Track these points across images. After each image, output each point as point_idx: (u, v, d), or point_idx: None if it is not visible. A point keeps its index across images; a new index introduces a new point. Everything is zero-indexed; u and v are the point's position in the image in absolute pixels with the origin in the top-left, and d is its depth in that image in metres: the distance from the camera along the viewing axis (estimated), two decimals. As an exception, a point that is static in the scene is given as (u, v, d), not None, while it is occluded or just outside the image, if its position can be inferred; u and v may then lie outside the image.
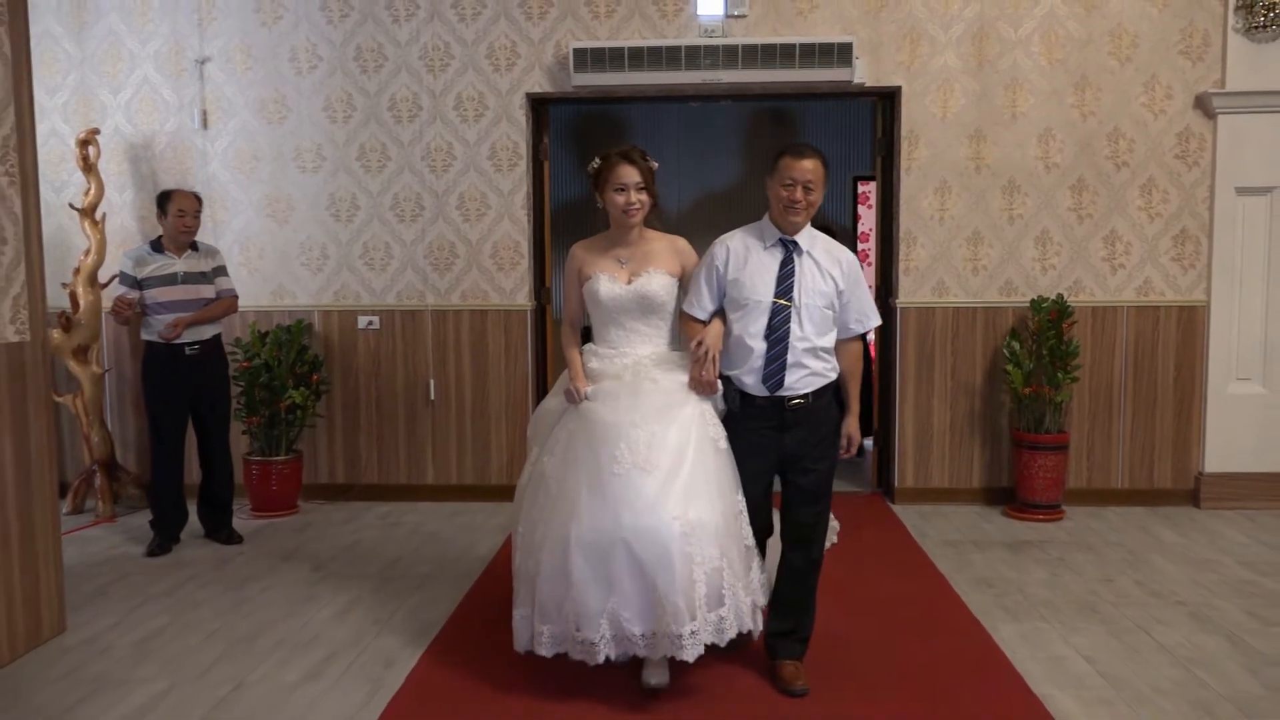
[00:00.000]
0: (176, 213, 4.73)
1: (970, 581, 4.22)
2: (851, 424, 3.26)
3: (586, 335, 3.48)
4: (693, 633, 2.83)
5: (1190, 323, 5.40)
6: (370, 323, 5.64)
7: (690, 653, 2.84)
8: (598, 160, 3.29)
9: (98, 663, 3.45)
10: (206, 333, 4.81)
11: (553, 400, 3.40)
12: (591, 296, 3.31)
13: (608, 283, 3.27)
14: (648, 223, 3.34)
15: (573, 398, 3.22)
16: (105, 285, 5.35)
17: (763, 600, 3.19)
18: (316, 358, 5.49)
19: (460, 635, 3.65)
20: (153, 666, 3.41)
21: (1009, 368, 5.20)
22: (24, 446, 3.50)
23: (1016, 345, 5.23)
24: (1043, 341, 5.18)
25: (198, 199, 4.85)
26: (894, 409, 5.54)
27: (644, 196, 3.25)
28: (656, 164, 3.33)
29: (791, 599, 3.22)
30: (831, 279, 3.15)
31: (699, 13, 5.37)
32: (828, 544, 3.37)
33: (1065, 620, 3.76)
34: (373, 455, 5.70)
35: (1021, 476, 5.25)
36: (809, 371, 3.12)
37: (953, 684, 3.18)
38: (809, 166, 3.10)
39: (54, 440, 3.71)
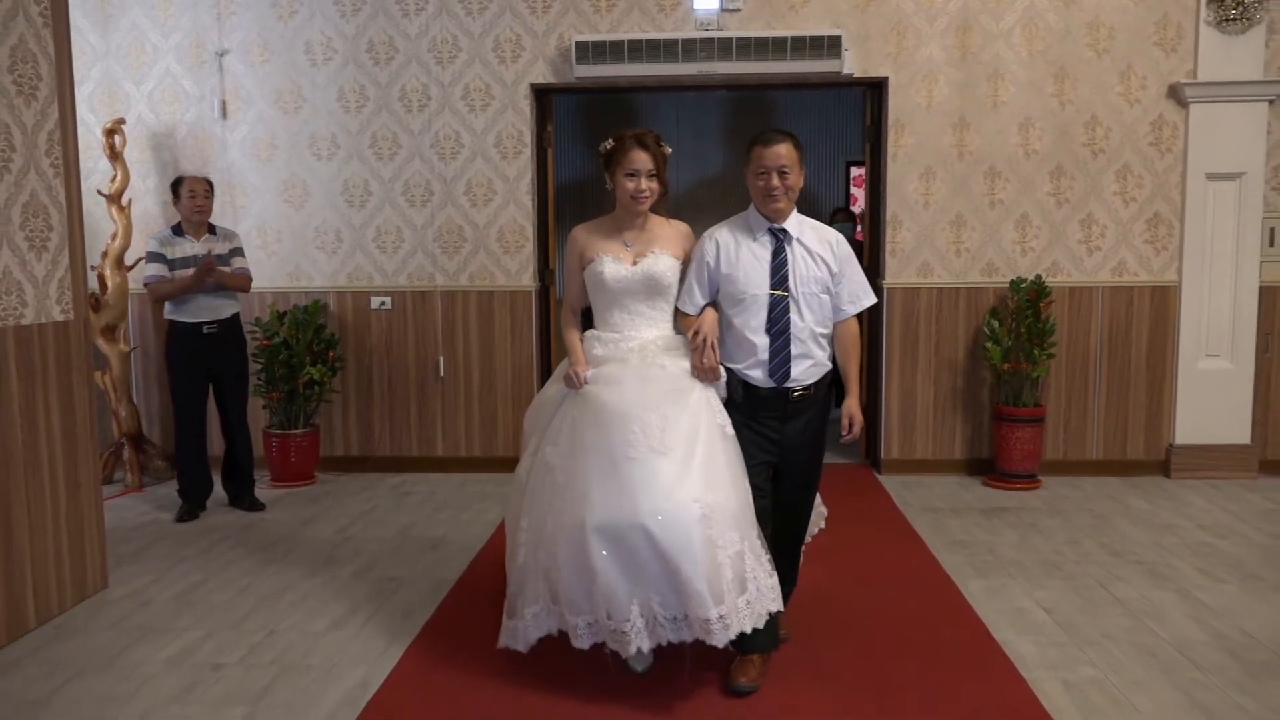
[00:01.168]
0: (189, 194, 4.99)
1: (945, 544, 4.53)
2: (852, 405, 3.23)
3: (586, 321, 3.42)
4: (721, 617, 2.73)
5: (1162, 302, 5.67)
6: (383, 303, 5.94)
7: (720, 638, 2.74)
8: (611, 141, 3.20)
9: (141, 614, 3.77)
10: (224, 312, 5.08)
11: (552, 388, 3.30)
12: (595, 278, 3.20)
13: (613, 264, 3.17)
14: (653, 208, 3.26)
15: (573, 382, 3.13)
16: (131, 268, 5.65)
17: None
18: (332, 336, 5.78)
19: (471, 591, 3.96)
20: (191, 617, 3.73)
21: (989, 345, 5.48)
22: (69, 416, 3.81)
23: (996, 324, 5.51)
24: (1021, 320, 5.46)
25: (207, 182, 5.09)
26: (881, 384, 5.83)
27: (654, 184, 3.17)
28: (670, 149, 3.26)
29: (781, 559, 3.20)
30: (824, 263, 3.13)
31: (695, 7, 5.62)
32: (816, 530, 3.46)
33: (1030, 577, 4.06)
34: (385, 429, 6.01)
35: (1000, 448, 5.54)
36: (812, 361, 3.13)
37: (921, 632, 3.49)
38: (781, 151, 3.06)
39: (94, 411, 4.01)
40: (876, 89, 5.78)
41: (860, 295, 3.22)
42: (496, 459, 5.90)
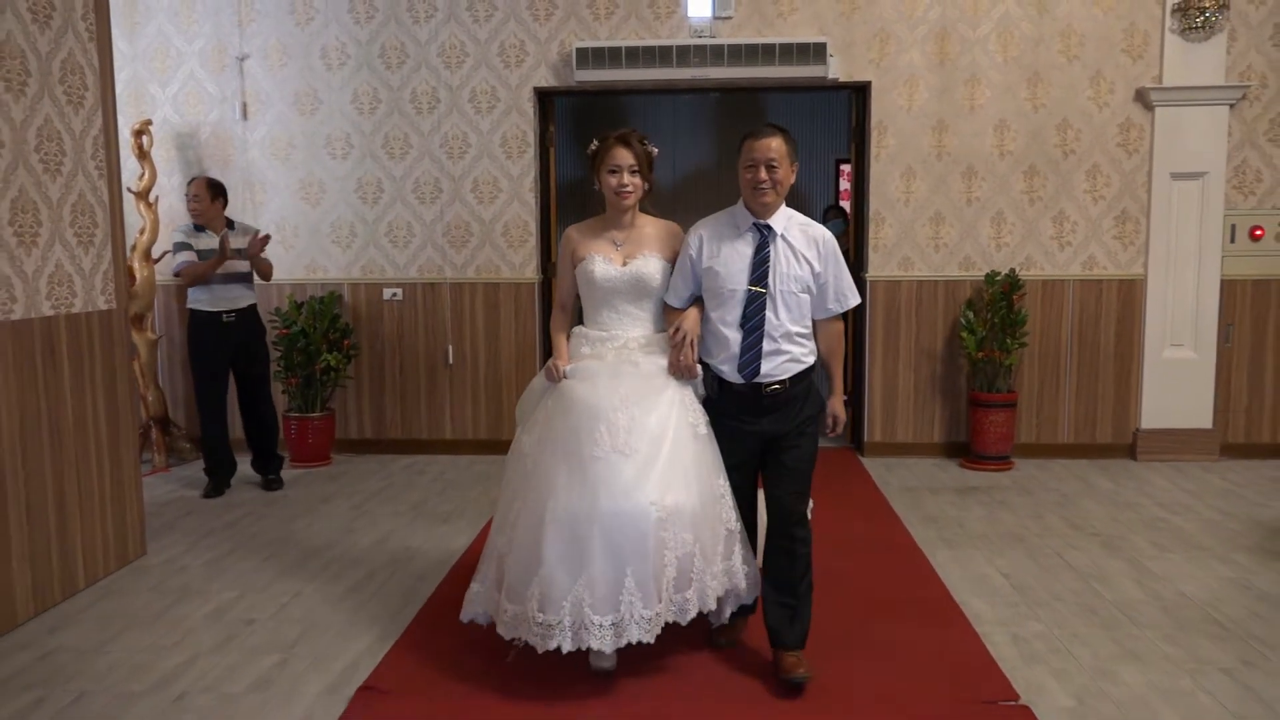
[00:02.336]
0: (192, 196, 5.34)
1: (919, 519, 4.88)
2: (835, 404, 3.26)
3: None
4: (656, 614, 2.84)
5: (1129, 294, 6.01)
6: (394, 294, 6.29)
7: (650, 635, 2.84)
8: (596, 142, 3.28)
9: (178, 578, 4.13)
10: (242, 302, 5.39)
11: (538, 380, 3.38)
12: (586, 277, 3.27)
13: (603, 264, 3.24)
14: (642, 207, 3.33)
15: (552, 375, 3.22)
16: (158, 260, 6.00)
17: (745, 585, 3.17)
18: (347, 325, 6.13)
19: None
20: (224, 581, 4.09)
21: (965, 335, 5.82)
22: (112, 396, 4.16)
23: (972, 314, 5.85)
24: (995, 311, 5.80)
25: (207, 183, 5.34)
26: (864, 372, 6.18)
27: (637, 180, 3.21)
28: (655, 149, 3.32)
29: (784, 581, 3.14)
30: (807, 262, 3.11)
31: (689, 15, 5.96)
32: None
33: (993, 547, 4.41)
34: (397, 413, 6.37)
35: (975, 431, 5.89)
36: (787, 358, 3.10)
37: (889, 593, 3.84)
38: (771, 145, 3.05)
39: (133, 392, 4.37)
40: (860, 92, 6.12)
41: (846, 295, 3.20)
42: (502, 441, 6.23)
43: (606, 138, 3.26)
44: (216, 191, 5.39)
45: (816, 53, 5.80)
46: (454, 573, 4.13)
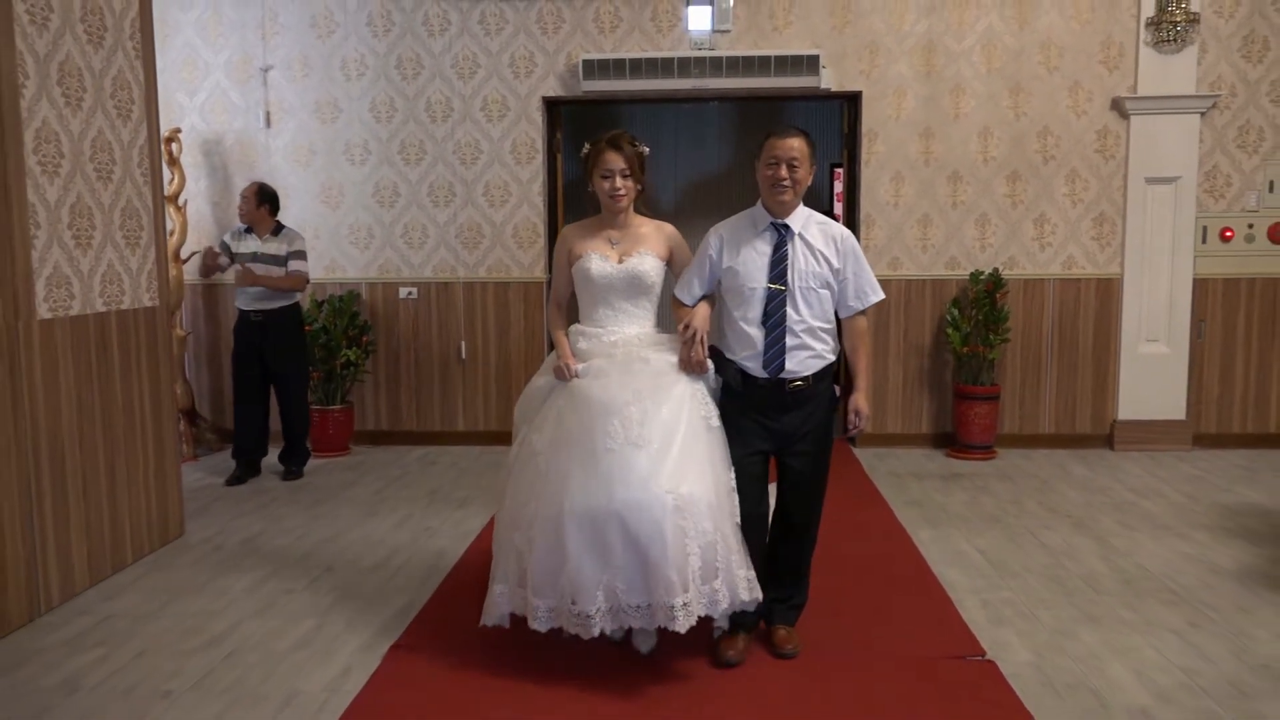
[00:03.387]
0: (242, 198, 5.71)
1: (904, 502, 5.21)
2: (859, 399, 3.29)
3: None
4: (685, 604, 2.86)
5: (1107, 292, 6.34)
6: (410, 293, 6.62)
7: (683, 624, 2.86)
8: (588, 146, 3.32)
9: (216, 555, 4.46)
10: (273, 304, 5.69)
11: (540, 379, 3.39)
12: (582, 275, 3.32)
13: (599, 261, 3.30)
14: (637, 209, 3.39)
15: (563, 375, 3.24)
16: (186, 260, 6.33)
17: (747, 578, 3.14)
18: (365, 322, 6.47)
19: (495, 537, 4.65)
20: (258, 558, 4.42)
21: (950, 331, 6.15)
22: (155, 386, 4.50)
23: (957, 312, 6.18)
24: (979, 308, 6.13)
25: (258, 190, 5.65)
26: (856, 366, 6.50)
27: (629, 183, 3.26)
28: (647, 149, 3.35)
29: (788, 571, 3.35)
30: (825, 259, 3.16)
31: (690, 28, 6.29)
32: None
33: (972, 528, 4.75)
34: (412, 405, 6.70)
35: (960, 422, 6.22)
36: (811, 353, 3.15)
37: (871, 567, 4.18)
38: (793, 144, 3.09)
39: (174, 383, 4.71)
40: (852, 101, 6.45)
41: (868, 292, 3.25)
42: (512, 433, 6.58)
43: (598, 142, 3.29)
44: (263, 198, 5.67)
45: (810, 64, 6.13)
46: (473, 548, 4.47)
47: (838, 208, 8.80)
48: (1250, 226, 6.23)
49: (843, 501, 5.20)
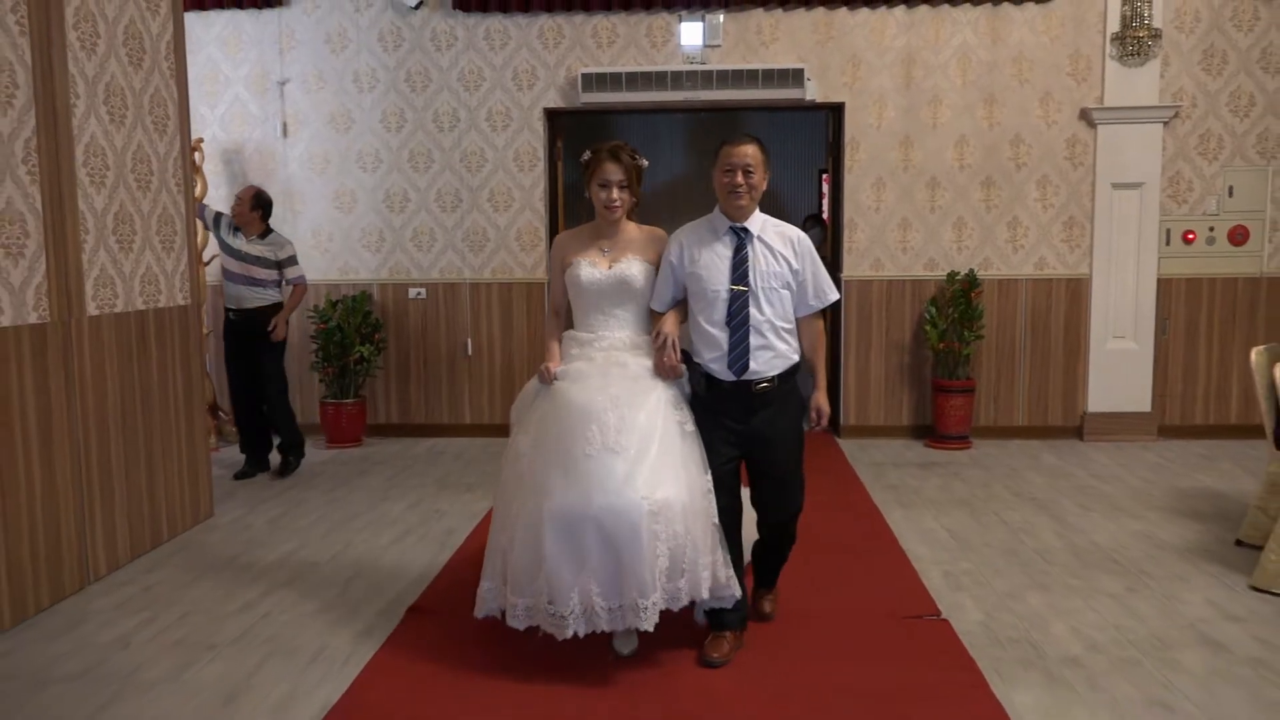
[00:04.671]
0: (236, 199, 5.91)
1: (881, 487, 5.59)
2: (819, 397, 3.37)
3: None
4: (653, 603, 2.99)
5: (1076, 292, 6.73)
6: (419, 293, 7.01)
7: (649, 622, 3.00)
8: (588, 153, 3.37)
9: (245, 534, 4.85)
10: (247, 303, 5.84)
11: (531, 384, 3.49)
12: (573, 281, 3.40)
13: (589, 268, 3.37)
14: (629, 217, 3.47)
15: (544, 377, 3.35)
16: (208, 263, 6.73)
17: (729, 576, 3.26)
18: (377, 321, 6.86)
19: (500, 517, 5.04)
20: (284, 535, 4.81)
21: (928, 328, 6.54)
22: (188, 377, 4.89)
23: (934, 310, 6.57)
24: (955, 307, 6.52)
25: (253, 195, 5.84)
26: (840, 362, 6.89)
27: (625, 194, 3.34)
28: (646, 162, 3.43)
29: (773, 557, 3.60)
30: (784, 260, 3.25)
31: (682, 43, 6.68)
32: None
33: (941, 509, 5.13)
34: (421, 399, 7.10)
35: (938, 414, 6.61)
36: (774, 354, 3.25)
37: (844, 541, 4.56)
38: (748, 151, 3.19)
39: (204, 376, 5.09)
40: (835, 112, 6.84)
41: (825, 291, 3.34)
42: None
43: (599, 150, 3.35)
44: (257, 204, 5.87)
45: (795, 77, 6.52)
46: (480, 527, 4.85)
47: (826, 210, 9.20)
48: (1211, 229, 6.62)
49: (824, 486, 5.58)
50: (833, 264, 6.99)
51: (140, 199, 4.51)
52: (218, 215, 5.98)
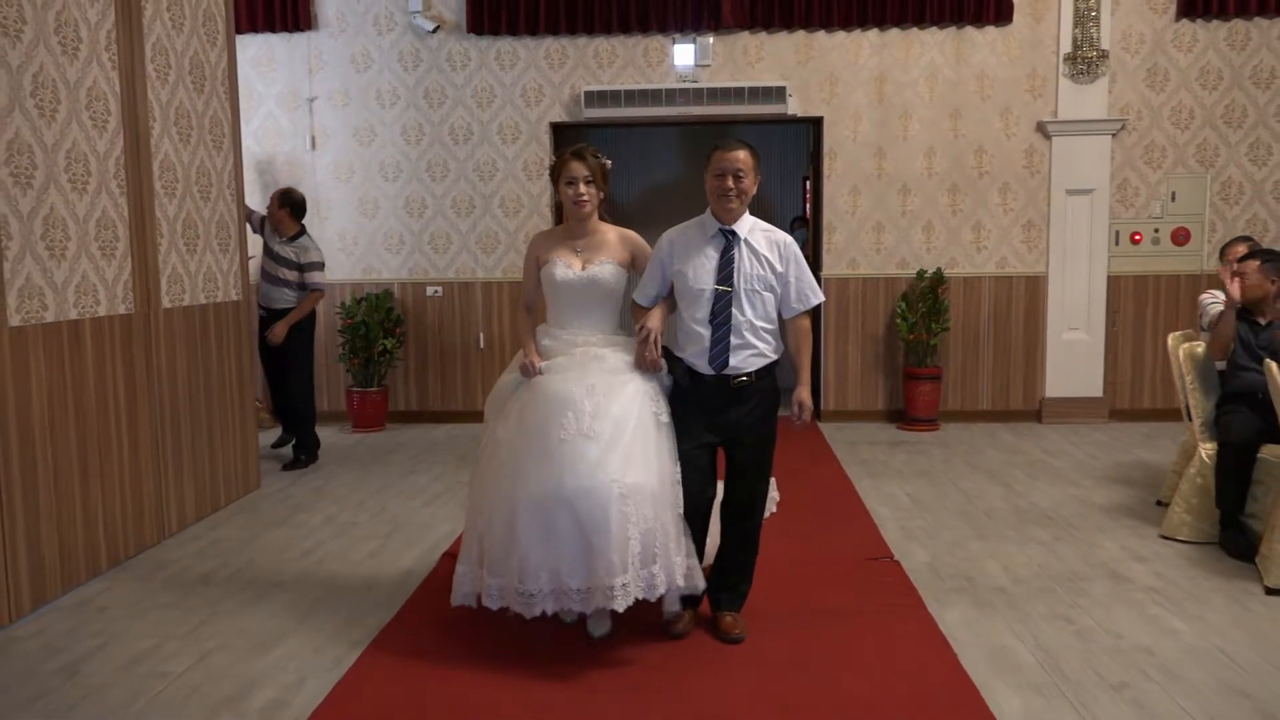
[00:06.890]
0: (269, 198, 6.43)
1: (853, 462, 6.26)
2: (802, 392, 3.43)
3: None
4: (624, 585, 3.05)
5: (1034, 288, 7.40)
6: (436, 291, 7.68)
7: (621, 603, 3.06)
8: (553, 158, 3.54)
9: (289, 501, 5.52)
10: (274, 303, 6.32)
11: (508, 376, 3.57)
12: (548, 280, 3.52)
13: (563, 268, 3.48)
14: (601, 217, 3.58)
15: (528, 371, 3.43)
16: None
17: (698, 563, 3.34)
18: (398, 316, 7.53)
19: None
20: (326, 502, 5.48)
21: (899, 321, 7.21)
22: (240, 363, 5.55)
23: (905, 305, 7.24)
24: (924, 302, 7.18)
25: (281, 194, 6.28)
26: (821, 352, 7.56)
27: (592, 190, 3.44)
28: (609, 161, 3.55)
29: (733, 561, 3.55)
30: (769, 263, 3.35)
31: (676, 63, 7.36)
32: (767, 513, 3.67)
33: (905, 478, 5.80)
34: (438, 388, 7.76)
35: (909, 399, 7.28)
36: (753, 351, 3.35)
37: (821, 504, 5.23)
38: (738, 156, 3.28)
39: (253, 362, 5.76)
40: (815, 125, 7.52)
41: (808, 294, 3.43)
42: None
43: (563, 153, 3.49)
44: (283, 202, 6.27)
45: (778, 94, 7.20)
46: (497, 495, 5.51)
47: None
48: (1156, 231, 7.30)
49: (802, 461, 6.26)
50: (814, 264, 7.66)
51: (202, 207, 5.17)
52: (263, 219, 6.57)
